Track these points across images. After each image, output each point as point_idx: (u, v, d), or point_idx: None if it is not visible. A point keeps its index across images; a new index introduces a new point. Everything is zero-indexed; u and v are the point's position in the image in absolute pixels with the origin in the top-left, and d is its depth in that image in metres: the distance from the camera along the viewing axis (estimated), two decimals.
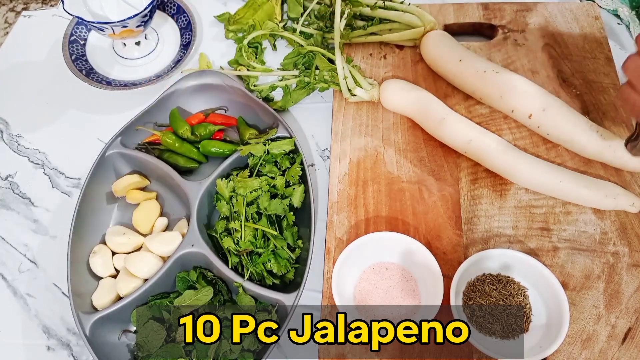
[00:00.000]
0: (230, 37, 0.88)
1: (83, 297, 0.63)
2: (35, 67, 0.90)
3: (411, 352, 0.60)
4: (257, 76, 0.80)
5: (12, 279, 0.70)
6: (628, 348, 0.58)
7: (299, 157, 0.69)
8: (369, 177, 0.72)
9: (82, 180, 0.76)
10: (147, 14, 0.80)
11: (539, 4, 0.86)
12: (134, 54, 0.88)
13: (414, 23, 0.79)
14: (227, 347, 0.59)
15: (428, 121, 0.72)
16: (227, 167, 0.70)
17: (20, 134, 0.83)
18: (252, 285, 0.62)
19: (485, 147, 0.68)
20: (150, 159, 0.72)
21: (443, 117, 0.70)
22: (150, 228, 0.70)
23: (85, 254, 0.67)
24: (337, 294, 0.59)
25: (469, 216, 0.68)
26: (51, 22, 0.95)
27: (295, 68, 0.79)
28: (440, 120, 0.70)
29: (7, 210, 0.76)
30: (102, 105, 0.84)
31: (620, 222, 0.66)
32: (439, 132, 0.71)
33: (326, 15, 0.85)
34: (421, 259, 0.61)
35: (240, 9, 0.89)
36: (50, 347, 0.65)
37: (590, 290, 0.62)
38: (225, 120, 0.77)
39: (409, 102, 0.74)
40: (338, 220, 0.69)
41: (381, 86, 0.76)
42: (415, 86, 0.76)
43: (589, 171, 0.69)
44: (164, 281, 0.64)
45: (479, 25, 0.85)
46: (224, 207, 0.67)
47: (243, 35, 0.87)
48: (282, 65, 0.81)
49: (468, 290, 0.62)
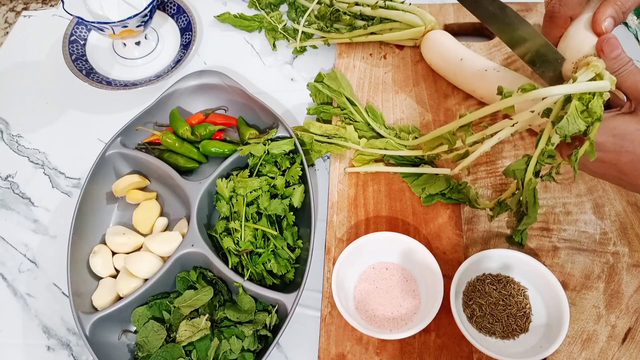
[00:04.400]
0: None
1: (83, 297, 0.63)
2: (35, 67, 0.90)
3: (411, 352, 0.60)
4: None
5: (12, 279, 0.70)
6: (628, 348, 0.58)
7: (299, 157, 0.69)
8: (369, 177, 0.72)
9: (82, 180, 0.76)
10: (147, 14, 0.80)
11: (539, 4, 0.86)
12: (134, 54, 0.88)
13: (415, 22, 0.79)
14: (227, 347, 0.59)
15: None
16: (227, 167, 0.70)
17: (20, 134, 0.83)
18: (252, 285, 0.62)
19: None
20: (150, 159, 0.72)
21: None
22: (150, 228, 0.70)
23: (85, 254, 0.67)
24: (337, 294, 0.59)
25: (469, 216, 0.68)
26: (51, 22, 0.95)
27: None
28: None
29: (7, 210, 0.76)
30: (102, 105, 0.84)
31: (620, 222, 0.66)
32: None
33: (326, 15, 0.85)
34: (421, 259, 0.61)
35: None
36: (50, 347, 0.65)
37: (590, 290, 0.62)
38: (225, 120, 0.77)
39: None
40: (338, 220, 0.69)
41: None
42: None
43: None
44: (164, 281, 0.64)
45: (479, 25, 0.85)
46: (224, 207, 0.67)
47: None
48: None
49: (468, 290, 0.62)
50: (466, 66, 0.74)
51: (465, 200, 0.67)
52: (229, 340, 0.59)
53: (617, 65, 0.51)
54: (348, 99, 0.74)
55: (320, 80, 0.77)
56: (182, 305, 0.61)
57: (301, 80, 0.85)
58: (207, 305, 0.62)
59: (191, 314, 0.61)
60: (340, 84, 0.74)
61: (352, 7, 0.83)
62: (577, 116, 0.50)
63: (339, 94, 0.75)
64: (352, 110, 0.74)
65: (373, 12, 0.81)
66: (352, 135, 0.72)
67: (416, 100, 0.78)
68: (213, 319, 0.61)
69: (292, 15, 0.90)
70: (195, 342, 0.59)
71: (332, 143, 0.72)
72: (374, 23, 0.81)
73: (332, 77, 0.75)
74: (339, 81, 0.74)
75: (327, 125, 0.73)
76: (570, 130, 0.50)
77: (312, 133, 0.73)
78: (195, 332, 0.59)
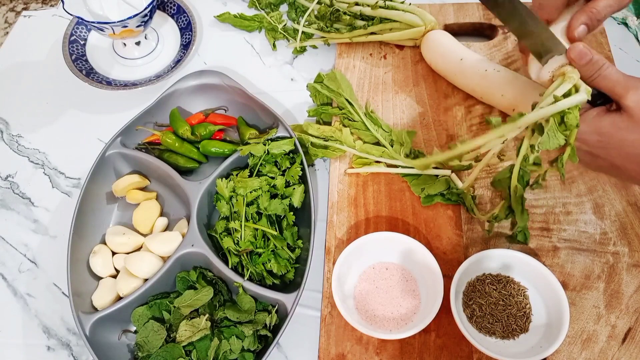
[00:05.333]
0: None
1: (83, 297, 0.63)
2: (35, 67, 0.90)
3: (411, 352, 0.60)
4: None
5: (12, 279, 0.70)
6: (628, 348, 0.58)
7: (299, 157, 0.69)
8: (369, 177, 0.72)
9: (82, 180, 0.76)
10: (147, 14, 0.80)
11: None
12: (134, 54, 0.88)
13: (415, 22, 0.79)
14: (227, 347, 0.59)
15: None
16: (227, 167, 0.70)
17: (20, 134, 0.83)
18: (252, 285, 0.62)
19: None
20: (150, 159, 0.72)
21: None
22: (150, 228, 0.70)
23: (85, 254, 0.67)
24: (337, 294, 0.59)
25: (469, 216, 0.68)
26: (51, 22, 0.95)
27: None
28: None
29: (7, 210, 0.76)
30: (102, 105, 0.84)
31: (620, 222, 0.66)
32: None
33: (326, 15, 0.85)
34: (421, 259, 0.61)
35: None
36: (50, 347, 0.65)
37: (590, 290, 0.62)
38: (225, 120, 0.77)
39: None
40: (338, 220, 0.69)
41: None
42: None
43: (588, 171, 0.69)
44: (164, 281, 0.64)
45: (479, 25, 0.85)
46: (224, 207, 0.67)
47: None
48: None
49: (468, 290, 0.62)
50: (466, 66, 0.74)
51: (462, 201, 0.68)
52: (229, 340, 0.59)
53: (590, 72, 0.52)
54: (347, 100, 0.74)
55: (319, 81, 0.77)
56: (182, 305, 0.61)
57: (301, 80, 0.85)
58: (207, 305, 0.62)
59: (191, 314, 0.61)
60: (339, 85, 0.74)
61: (352, 7, 0.83)
62: (556, 130, 0.51)
63: (337, 95, 0.75)
64: (350, 110, 0.74)
65: (373, 12, 0.81)
66: (347, 138, 0.72)
67: (416, 100, 0.78)
68: (213, 319, 0.61)
69: (292, 15, 0.90)
70: (195, 342, 0.59)
71: (328, 147, 0.72)
72: (374, 23, 0.81)
73: (331, 78, 0.75)
74: (338, 82, 0.74)
75: (325, 127, 0.73)
76: (551, 146, 0.51)
77: (309, 134, 0.73)
78: (195, 332, 0.59)
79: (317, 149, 0.73)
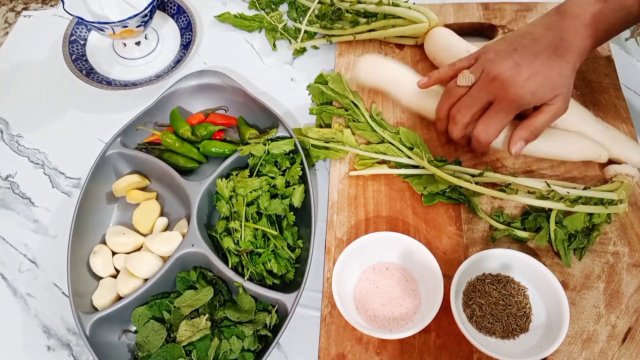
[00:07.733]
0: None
1: (83, 297, 0.63)
2: (35, 67, 0.90)
3: (411, 352, 0.60)
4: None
5: (12, 279, 0.70)
6: (628, 348, 0.58)
7: (299, 157, 0.69)
8: (369, 177, 0.72)
9: (82, 180, 0.76)
10: (147, 14, 0.80)
11: (539, 4, 0.86)
12: (134, 54, 0.88)
13: (419, 19, 0.79)
14: (227, 347, 0.59)
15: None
16: (227, 167, 0.70)
17: (20, 134, 0.83)
18: (252, 285, 0.62)
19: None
20: (151, 159, 0.72)
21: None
22: (150, 228, 0.70)
23: (86, 254, 0.67)
24: (337, 294, 0.59)
25: (469, 216, 0.68)
26: (51, 22, 0.95)
27: None
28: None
29: (7, 210, 0.76)
30: (102, 105, 0.84)
31: (620, 222, 0.66)
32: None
33: (328, 15, 0.85)
34: (421, 259, 0.61)
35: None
36: (50, 347, 0.65)
37: (590, 290, 0.62)
38: (226, 120, 0.77)
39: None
40: (338, 220, 0.69)
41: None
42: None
43: (588, 171, 0.69)
44: (164, 281, 0.64)
45: (479, 25, 0.85)
46: (224, 207, 0.67)
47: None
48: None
49: (468, 290, 0.62)
50: None
51: (466, 202, 0.67)
52: (229, 340, 0.59)
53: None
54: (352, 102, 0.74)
55: (320, 81, 0.77)
56: (182, 305, 0.61)
57: (301, 81, 0.85)
58: (207, 305, 0.62)
59: (191, 314, 0.61)
60: (344, 87, 0.74)
61: (354, 5, 0.83)
62: (582, 222, 0.62)
63: (343, 97, 0.75)
64: (356, 111, 0.74)
65: (377, 8, 0.81)
66: (349, 139, 0.72)
67: None
68: (213, 319, 0.61)
69: (293, 15, 0.90)
70: (196, 342, 0.59)
71: (329, 148, 0.72)
72: (377, 19, 0.81)
73: (336, 80, 0.75)
74: (343, 84, 0.75)
75: (325, 130, 0.73)
76: (571, 228, 0.63)
77: (309, 138, 0.73)
78: (195, 332, 0.59)
79: (318, 150, 0.72)
